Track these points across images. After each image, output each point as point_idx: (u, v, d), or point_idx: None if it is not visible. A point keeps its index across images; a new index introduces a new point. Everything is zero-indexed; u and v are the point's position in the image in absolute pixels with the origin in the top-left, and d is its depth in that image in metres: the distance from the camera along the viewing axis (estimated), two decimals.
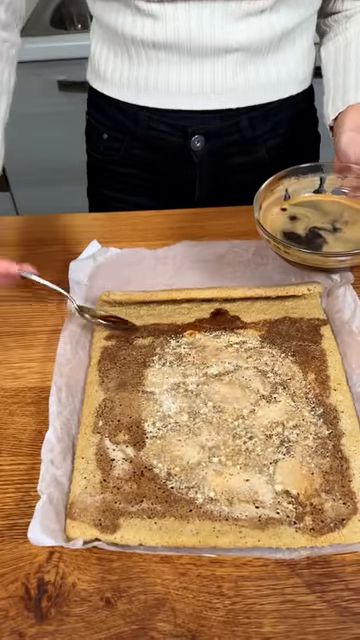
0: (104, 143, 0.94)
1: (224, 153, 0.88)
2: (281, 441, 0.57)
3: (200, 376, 0.63)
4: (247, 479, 0.54)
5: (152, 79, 0.81)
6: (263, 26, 0.76)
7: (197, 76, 0.79)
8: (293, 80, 0.85)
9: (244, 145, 0.88)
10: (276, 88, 0.84)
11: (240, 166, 0.90)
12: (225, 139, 0.87)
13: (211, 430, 0.58)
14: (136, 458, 0.56)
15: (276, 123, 0.88)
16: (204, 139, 0.86)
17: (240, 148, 0.88)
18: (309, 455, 0.56)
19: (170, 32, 0.76)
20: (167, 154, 0.89)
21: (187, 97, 0.82)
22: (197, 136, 0.86)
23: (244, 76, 0.80)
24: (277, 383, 0.62)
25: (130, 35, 0.78)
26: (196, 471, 0.55)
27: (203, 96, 0.81)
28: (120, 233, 0.86)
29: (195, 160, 0.88)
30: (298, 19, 0.79)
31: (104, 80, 0.88)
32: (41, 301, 0.76)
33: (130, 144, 0.91)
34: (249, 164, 0.90)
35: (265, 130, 0.87)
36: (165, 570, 0.50)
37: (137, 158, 0.91)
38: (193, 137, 0.86)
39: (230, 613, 0.47)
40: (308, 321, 0.70)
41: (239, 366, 0.64)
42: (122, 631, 0.46)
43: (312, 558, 0.50)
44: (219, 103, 0.82)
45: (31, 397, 0.64)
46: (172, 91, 0.81)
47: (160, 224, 0.87)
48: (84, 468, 0.55)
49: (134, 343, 0.68)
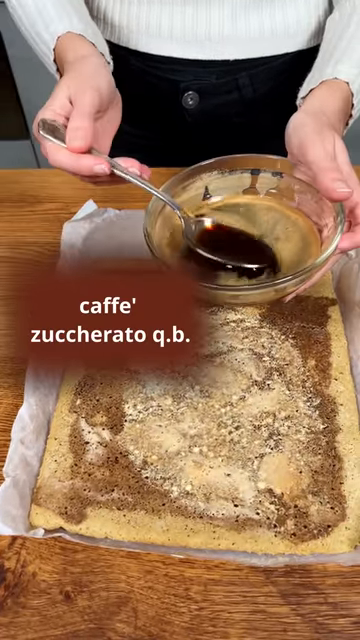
0: None
1: (220, 114, 0.79)
2: (270, 433, 0.52)
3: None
4: (228, 473, 0.50)
5: (143, 20, 0.72)
6: None
7: (190, 20, 0.70)
8: (304, 31, 0.74)
9: (243, 107, 0.79)
10: (283, 40, 0.74)
11: (239, 129, 0.81)
12: (221, 98, 0.78)
13: (195, 417, 0.54)
14: (112, 442, 0.52)
15: (282, 84, 0.77)
16: (198, 96, 0.77)
17: (238, 110, 0.79)
18: (299, 451, 0.51)
19: None
20: (159, 110, 0.81)
21: (180, 44, 0.73)
22: (190, 92, 0.77)
23: (245, 23, 0.71)
24: (273, 368, 0.57)
25: None
26: (174, 461, 0.51)
27: (197, 44, 0.72)
28: (121, 192, 0.80)
29: (188, 119, 0.80)
30: None
31: (95, 20, 0.79)
32: (29, 263, 0.72)
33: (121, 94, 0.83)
34: (249, 129, 0.81)
35: (268, 91, 0.78)
36: (131, 566, 0.46)
37: (129, 111, 0.84)
38: (186, 93, 0.77)
39: (195, 619, 0.44)
40: (315, 300, 0.63)
41: (233, 347, 0.59)
42: (78, 629, 0.43)
43: (290, 565, 0.46)
44: (214, 53, 0.73)
45: (11, 368, 0.61)
46: (164, 36, 0.72)
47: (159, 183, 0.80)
48: (56, 450, 0.52)
49: None
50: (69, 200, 0.78)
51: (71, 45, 0.60)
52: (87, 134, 0.50)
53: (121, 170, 0.52)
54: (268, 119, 0.80)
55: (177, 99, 0.78)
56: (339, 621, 0.43)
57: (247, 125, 0.82)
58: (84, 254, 0.70)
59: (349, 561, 0.44)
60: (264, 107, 0.80)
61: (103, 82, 0.55)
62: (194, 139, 0.83)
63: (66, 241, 0.70)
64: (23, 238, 0.75)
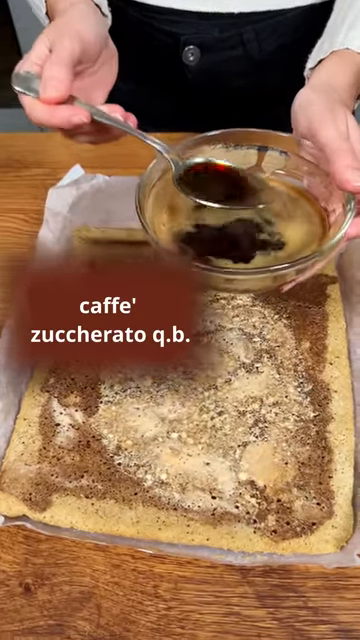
0: None
1: (223, 72, 0.73)
2: (255, 420, 0.48)
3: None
4: (207, 462, 0.46)
5: None
6: None
7: None
8: None
9: (248, 66, 0.72)
10: None
11: (243, 91, 0.75)
12: (225, 54, 0.71)
13: (175, 400, 0.50)
14: (84, 425, 0.49)
15: (291, 43, 0.71)
16: (199, 52, 0.71)
17: (243, 68, 0.73)
18: (286, 440, 0.47)
19: None
20: (158, 67, 0.75)
21: None
22: (191, 47, 0.71)
23: None
24: (263, 350, 0.53)
25: None
26: (150, 447, 0.47)
27: None
28: (111, 157, 0.75)
29: (189, 76, 0.74)
30: None
31: None
32: (13, 231, 0.67)
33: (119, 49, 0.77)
34: (254, 89, 0.75)
35: (276, 48, 0.71)
36: (97, 559, 0.43)
37: (127, 66, 0.78)
38: (186, 47, 0.71)
39: (163, 619, 0.40)
40: (314, 277, 0.59)
41: (222, 326, 0.55)
42: (37, 625, 0.40)
43: (269, 565, 0.42)
44: (217, 5, 0.67)
45: None
46: None
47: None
48: (24, 431, 0.48)
49: None
50: (57, 165, 0.74)
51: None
52: (61, 83, 0.44)
53: (102, 116, 0.46)
54: (275, 82, 0.74)
55: (177, 54, 0.72)
56: (319, 627, 0.39)
57: (252, 88, 0.76)
58: (69, 222, 0.66)
59: (334, 563, 0.40)
60: (271, 68, 0.74)
61: (87, 28, 0.49)
62: (195, 100, 0.77)
63: (50, 208, 0.66)
64: (7, 205, 0.71)
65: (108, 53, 0.53)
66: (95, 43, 0.50)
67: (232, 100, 0.75)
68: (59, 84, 0.44)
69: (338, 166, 0.43)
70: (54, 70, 0.45)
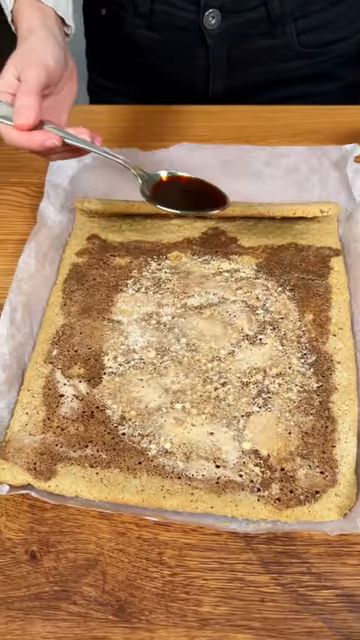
0: (103, 22, 0.79)
1: (244, 35, 0.72)
2: (259, 391, 0.48)
3: (178, 307, 0.54)
4: (211, 432, 0.46)
5: None
6: None
7: None
8: None
9: (269, 24, 0.71)
10: None
11: (263, 53, 0.74)
12: (246, 15, 0.70)
13: (179, 371, 0.50)
14: (88, 396, 0.49)
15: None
16: (220, 15, 0.70)
17: (264, 28, 0.72)
18: (289, 410, 0.47)
19: None
20: (175, 35, 0.73)
21: None
22: (212, 10, 0.70)
23: None
24: (266, 322, 0.53)
25: None
26: (154, 417, 0.47)
27: None
28: (116, 130, 0.74)
29: (209, 42, 0.73)
30: None
31: None
32: (14, 204, 0.67)
33: (132, 22, 0.76)
34: (274, 51, 0.74)
35: (296, 4, 0.70)
36: (102, 527, 0.43)
37: (141, 41, 0.76)
38: (207, 12, 0.70)
39: (167, 585, 0.41)
40: (317, 250, 0.58)
41: (225, 298, 0.55)
42: (43, 591, 0.41)
43: (273, 532, 0.42)
44: None
45: None
46: None
47: (167, 122, 0.75)
48: (28, 402, 0.48)
49: (109, 262, 0.59)
50: None
51: (26, 13, 0.54)
52: (31, 111, 0.48)
53: (72, 139, 0.51)
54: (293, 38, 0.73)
55: (198, 19, 0.71)
56: (322, 593, 0.40)
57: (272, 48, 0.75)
58: (70, 194, 0.65)
59: (336, 530, 0.41)
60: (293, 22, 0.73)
61: (50, 57, 0.52)
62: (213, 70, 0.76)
63: (51, 181, 0.65)
64: (8, 178, 0.70)
65: (68, 71, 0.56)
66: (56, 68, 0.53)
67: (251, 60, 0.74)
68: (30, 112, 0.48)
69: None
70: (24, 99, 0.49)
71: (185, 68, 0.77)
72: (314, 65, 0.76)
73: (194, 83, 0.78)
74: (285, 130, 0.73)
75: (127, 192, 0.63)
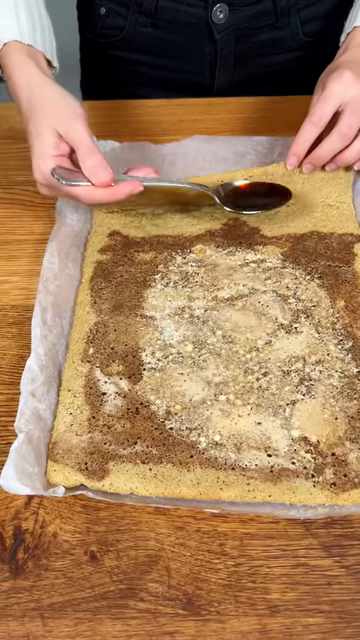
0: (102, 20, 0.78)
1: (251, 27, 0.72)
2: (301, 379, 0.48)
3: (209, 300, 0.54)
4: (259, 422, 0.46)
5: None
6: None
7: None
8: None
9: (276, 16, 0.72)
10: None
11: (269, 44, 0.74)
12: (254, 8, 0.71)
13: (219, 363, 0.50)
14: (131, 393, 0.48)
15: None
16: (228, 9, 0.70)
17: (270, 20, 0.72)
18: (333, 397, 0.47)
19: None
20: (181, 31, 0.73)
21: None
22: (220, 5, 0.70)
23: None
24: (299, 310, 0.53)
25: None
26: (200, 410, 0.47)
27: None
28: (121, 126, 0.73)
29: (216, 37, 0.73)
30: None
31: None
32: (26, 204, 0.66)
33: (135, 20, 0.75)
34: (279, 42, 0.75)
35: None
36: (160, 523, 0.43)
37: (144, 39, 0.76)
38: (215, 6, 0.70)
39: (233, 575, 0.41)
40: (339, 237, 0.59)
41: (255, 289, 0.55)
42: (108, 590, 0.40)
43: (330, 516, 0.43)
44: None
45: (13, 317, 0.56)
46: None
47: (170, 116, 0.74)
48: (70, 402, 0.48)
49: (133, 258, 0.58)
50: None
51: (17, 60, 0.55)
52: (106, 166, 0.51)
53: (150, 180, 0.55)
54: (298, 28, 0.74)
55: (205, 14, 0.71)
56: None
57: (278, 40, 0.75)
58: None
59: None
60: (296, 15, 0.74)
61: (78, 106, 0.54)
62: (220, 64, 0.76)
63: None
64: (16, 177, 0.69)
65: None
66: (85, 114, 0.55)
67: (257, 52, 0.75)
68: (106, 168, 0.52)
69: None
70: (93, 158, 0.51)
71: (191, 64, 0.77)
72: (316, 54, 0.76)
73: (199, 78, 0.78)
74: (290, 120, 0.73)
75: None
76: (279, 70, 0.78)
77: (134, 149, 0.67)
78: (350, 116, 0.54)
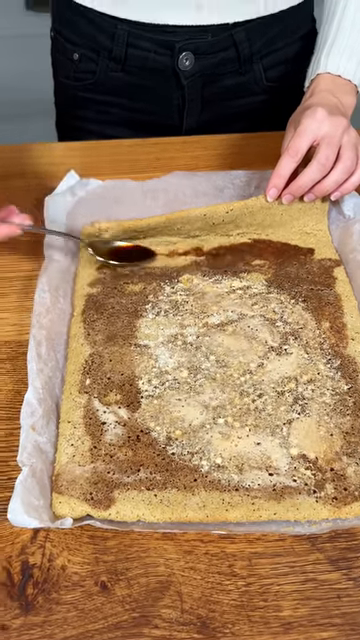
0: (75, 65, 0.81)
1: (216, 73, 0.77)
2: (294, 398, 0.50)
3: (200, 326, 0.56)
4: (258, 442, 0.47)
5: None
6: None
7: None
8: None
9: (239, 63, 0.77)
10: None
11: (234, 89, 0.79)
12: (218, 56, 0.75)
13: (215, 387, 0.51)
14: (130, 421, 0.49)
15: (275, 37, 0.76)
16: (194, 57, 0.74)
17: (234, 67, 0.77)
18: (327, 414, 0.49)
19: None
20: (150, 77, 0.77)
21: (174, 9, 0.70)
22: (186, 53, 0.74)
23: None
24: (287, 333, 0.55)
25: None
26: (200, 434, 0.48)
27: (193, 9, 0.70)
28: (101, 165, 0.76)
29: (183, 83, 0.77)
30: None
31: None
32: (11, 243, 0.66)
33: (106, 65, 0.78)
34: (243, 86, 0.79)
35: (262, 44, 0.76)
36: (168, 548, 0.43)
37: (115, 82, 0.79)
38: (181, 54, 0.74)
39: (244, 595, 0.41)
40: (319, 262, 0.62)
41: (244, 314, 0.57)
42: (121, 620, 0.40)
43: (334, 530, 0.44)
44: (211, 17, 0.71)
45: (7, 352, 0.56)
46: (157, 2, 0.69)
47: (147, 154, 0.77)
48: (71, 434, 0.48)
49: (123, 290, 0.60)
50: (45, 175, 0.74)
51: None
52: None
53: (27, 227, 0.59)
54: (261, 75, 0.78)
55: (172, 61, 0.74)
56: None
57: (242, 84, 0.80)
58: (69, 228, 0.66)
59: None
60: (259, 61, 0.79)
61: None
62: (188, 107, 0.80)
63: (49, 216, 0.66)
64: None
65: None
66: None
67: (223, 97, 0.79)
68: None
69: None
70: None
71: (160, 107, 0.80)
72: (280, 97, 0.81)
73: (168, 120, 0.81)
74: (262, 155, 0.77)
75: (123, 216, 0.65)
76: (245, 111, 0.82)
77: (116, 187, 0.69)
78: (326, 149, 0.57)
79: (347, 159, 0.59)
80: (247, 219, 0.63)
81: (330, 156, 0.58)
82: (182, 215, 0.62)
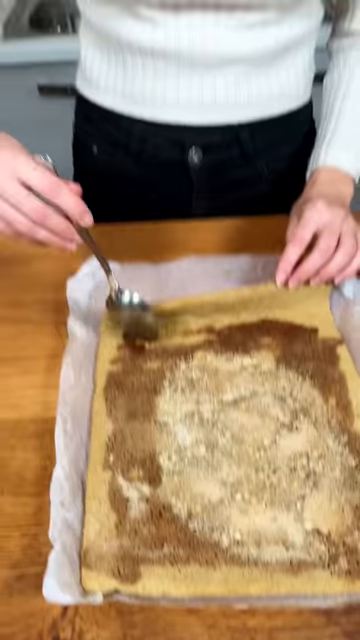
0: (94, 157, 0.89)
1: (222, 167, 0.84)
2: (307, 474, 0.53)
3: (215, 403, 0.60)
4: (274, 517, 0.50)
5: (149, 89, 0.77)
6: (267, 38, 0.73)
7: (197, 88, 0.76)
8: (295, 93, 0.83)
9: (243, 159, 0.84)
10: (278, 101, 0.81)
11: (238, 181, 0.86)
12: (225, 153, 0.83)
13: (231, 463, 0.54)
14: (153, 497, 0.52)
15: (277, 137, 0.85)
16: (202, 153, 0.82)
17: (239, 162, 0.85)
18: (337, 488, 0.52)
19: (171, 40, 0.72)
20: (162, 170, 0.84)
21: (186, 110, 0.78)
22: (195, 149, 0.82)
23: (246, 89, 0.77)
24: (297, 409, 0.59)
25: (127, 41, 0.74)
26: (219, 510, 0.51)
27: (203, 109, 0.78)
28: (117, 247, 0.81)
29: (192, 176, 0.84)
30: (301, 32, 0.76)
31: (97, 88, 0.83)
32: (35, 322, 0.71)
33: (122, 158, 0.86)
34: (247, 179, 0.87)
35: (265, 144, 0.84)
36: (192, 622, 0.46)
37: (130, 174, 0.87)
38: (191, 151, 0.82)
39: None
40: (323, 340, 0.66)
41: (256, 391, 0.61)
42: None
43: (349, 604, 0.46)
44: (220, 117, 0.79)
45: (33, 429, 0.59)
46: (170, 103, 0.77)
47: (160, 237, 0.83)
48: (97, 510, 0.51)
49: (142, 368, 0.64)
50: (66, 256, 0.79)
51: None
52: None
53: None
54: (263, 169, 0.86)
55: (182, 157, 0.82)
56: None
57: (246, 180, 0.87)
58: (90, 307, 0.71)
59: None
60: (262, 158, 0.86)
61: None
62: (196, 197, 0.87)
63: (72, 297, 0.71)
64: (23, 297, 0.75)
65: None
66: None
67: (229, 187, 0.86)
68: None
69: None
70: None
71: (170, 196, 0.87)
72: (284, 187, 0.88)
73: (178, 206, 0.88)
74: (268, 239, 0.83)
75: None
76: (250, 198, 0.89)
77: (133, 270, 0.75)
78: (328, 237, 0.63)
79: (348, 245, 0.65)
80: (255, 302, 0.68)
81: (331, 243, 0.64)
82: (195, 301, 0.67)
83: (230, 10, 0.70)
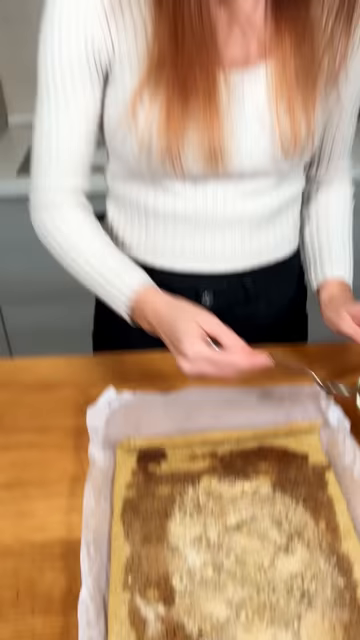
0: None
1: (229, 307, 0.98)
2: (302, 593, 0.61)
3: (220, 527, 0.68)
4: (274, 635, 0.57)
5: (169, 246, 0.92)
6: (267, 201, 0.90)
7: (209, 243, 0.91)
8: (288, 242, 0.99)
9: (247, 300, 0.99)
10: (275, 250, 0.98)
11: (242, 317, 0.99)
12: (232, 296, 0.97)
13: (236, 584, 0.62)
14: (167, 617, 0.59)
15: (274, 279, 1.00)
16: (213, 296, 0.96)
17: (244, 302, 0.99)
18: (329, 607, 0.60)
19: (189, 207, 0.88)
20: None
21: (200, 261, 0.94)
22: (207, 293, 0.96)
23: (250, 243, 0.93)
24: (292, 532, 0.67)
25: (152, 209, 0.90)
26: (226, 628, 0.58)
27: (215, 260, 0.93)
28: (128, 376, 0.92)
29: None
30: (296, 191, 0.95)
31: (122, 245, 0.97)
32: (59, 447, 0.80)
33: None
34: (250, 315, 1.00)
35: (265, 286, 0.99)
36: None
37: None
38: (204, 295, 0.96)
39: None
40: (312, 466, 0.76)
41: (255, 515, 0.69)
42: None
43: None
44: (229, 266, 0.94)
45: (59, 551, 0.67)
46: (187, 255, 0.93)
47: (169, 366, 0.94)
48: (118, 630, 0.58)
49: (154, 493, 0.72)
50: (84, 384, 0.90)
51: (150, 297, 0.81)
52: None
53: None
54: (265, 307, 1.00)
55: (196, 300, 0.96)
56: None
57: (248, 316, 1.01)
58: (107, 434, 0.80)
59: None
60: (263, 298, 1.02)
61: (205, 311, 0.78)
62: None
63: (91, 425, 0.80)
64: (49, 422, 0.84)
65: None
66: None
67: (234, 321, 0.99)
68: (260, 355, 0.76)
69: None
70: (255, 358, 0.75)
71: None
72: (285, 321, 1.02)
73: None
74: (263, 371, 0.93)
75: (150, 429, 0.79)
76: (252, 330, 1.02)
77: (143, 399, 0.85)
78: None
79: None
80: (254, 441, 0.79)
81: None
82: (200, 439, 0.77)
83: (238, 179, 0.86)
